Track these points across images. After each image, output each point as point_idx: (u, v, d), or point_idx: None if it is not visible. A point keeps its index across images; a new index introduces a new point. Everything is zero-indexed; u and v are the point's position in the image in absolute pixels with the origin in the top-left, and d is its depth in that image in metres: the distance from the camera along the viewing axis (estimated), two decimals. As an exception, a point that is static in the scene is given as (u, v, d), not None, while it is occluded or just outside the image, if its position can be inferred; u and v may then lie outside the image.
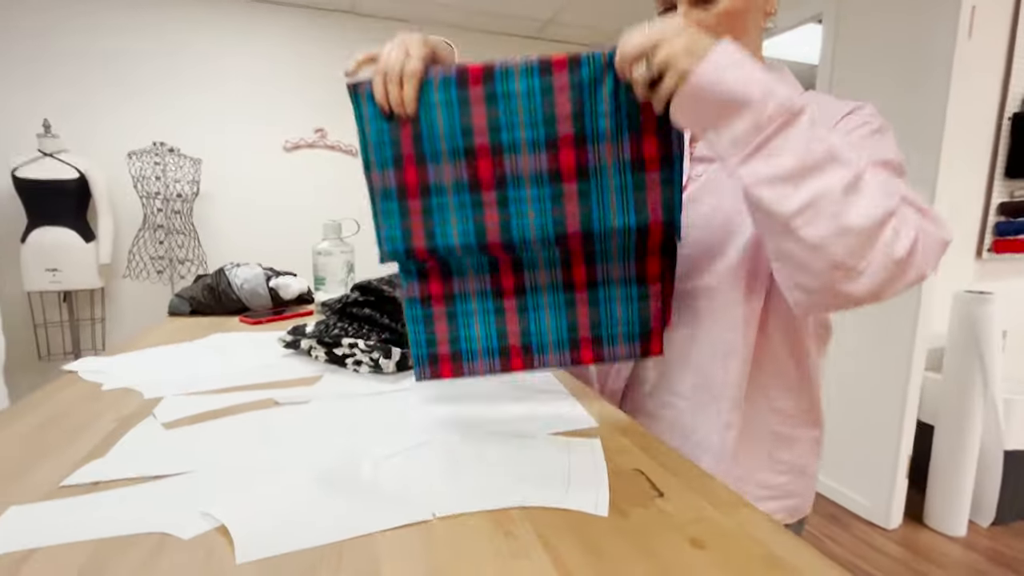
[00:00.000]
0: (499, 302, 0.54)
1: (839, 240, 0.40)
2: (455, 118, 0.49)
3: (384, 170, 0.51)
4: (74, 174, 2.46)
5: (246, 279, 1.22)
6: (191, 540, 0.36)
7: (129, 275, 2.68)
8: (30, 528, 0.37)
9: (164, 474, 0.46)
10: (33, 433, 0.55)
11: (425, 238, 0.51)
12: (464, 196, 0.50)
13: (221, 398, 0.66)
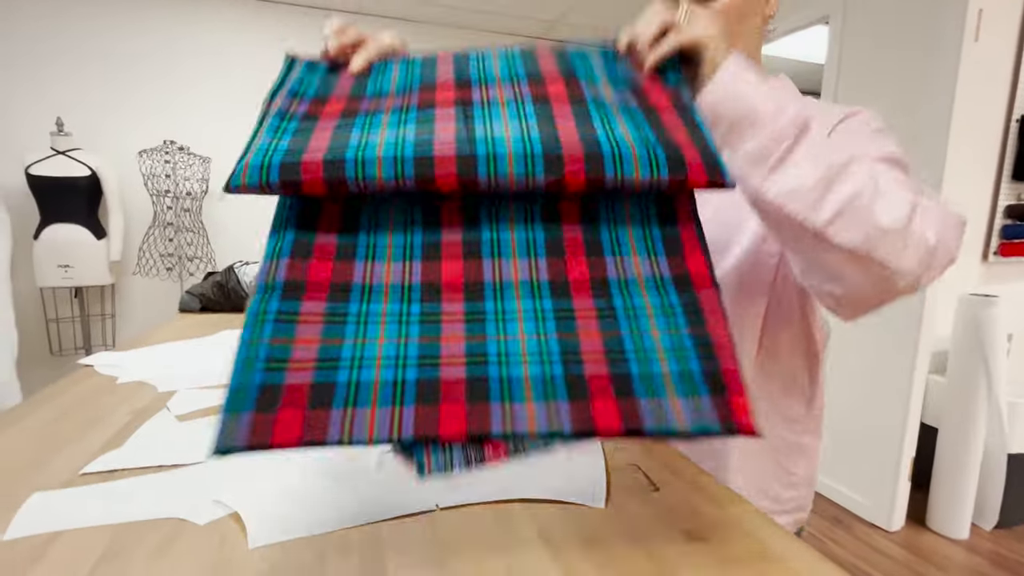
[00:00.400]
0: (432, 302, 0.30)
1: (877, 242, 0.40)
2: (415, 69, 0.42)
3: (294, 99, 0.41)
4: (86, 172, 2.50)
5: (255, 276, 1.24)
6: (206, 526, 0.38)
7: (139, 272, 2.71)
8: (53, 513, 0.39)
9: (178, 463, 0.47)
10: (52, 424, 0.57)
11: (328, 151, 0.33)
12: (410, 113, 0.36)
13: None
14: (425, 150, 0.31)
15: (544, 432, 0.25)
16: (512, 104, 0.37)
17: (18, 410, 0.61)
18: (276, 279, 0.31)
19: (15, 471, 0.46)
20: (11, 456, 0.49)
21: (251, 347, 0.27)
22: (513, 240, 0.33)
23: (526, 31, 3.39)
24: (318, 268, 0.32)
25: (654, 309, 0.31)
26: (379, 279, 0.31)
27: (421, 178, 0.31)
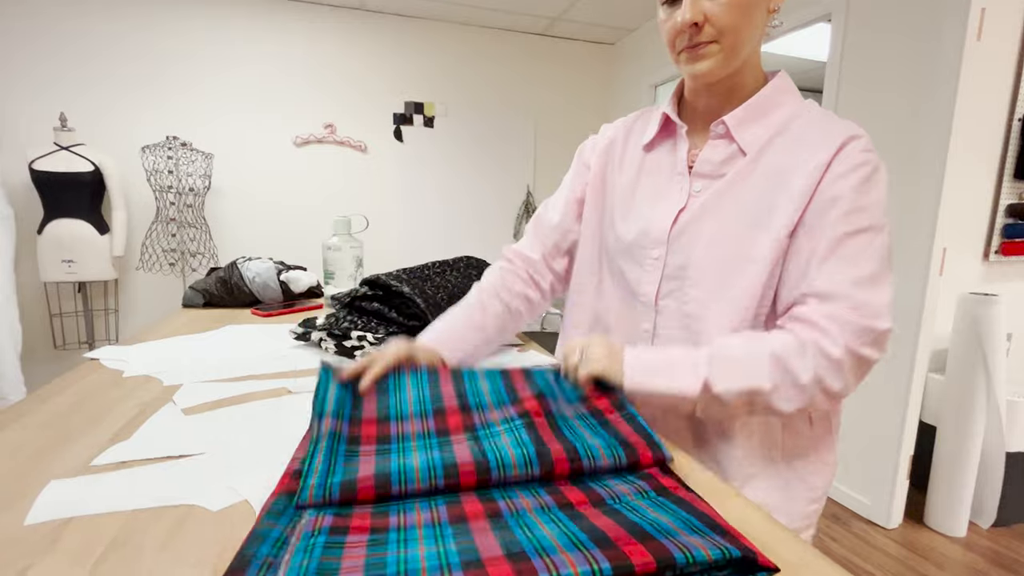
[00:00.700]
0: (461, 524, 0.36)
1: (801, 406, 0.56)
2: (424, 389, 0.56)
3: (338, 420, 0.49)
4: (89, 167, 2.51)
5: (258, 272, 1.25)
6: (217, 512, 0.39)
7: (142, 267, 2.73)
8: (68, 499, 0.40)
9: (186, 454, 0.49)
10: (61, 417, 0.59)
11: (376, 470, 0.42)
12: (432, 440, 0.48)
13: (237, 386, 0.68)
14: (450, 461, 0.43)
15: (587, 572, 0.30)
16: (506, 423, 0.50)
17: (26, 403, 0.62)
18: (322, 527, 0.36)
19: (26, 463, 0.48)
20: (21, 449, 0.51)
21: (301, 568, 0.31)
22: (522, 498, 0.41)
23: (527, 28, 3.39)
24: (360, 521, 0.37)
25: (645, 502, 0.40)
26: (410, 522, 0.37)
27: (449, 480, 0.42)
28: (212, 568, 0.34)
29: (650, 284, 0.67)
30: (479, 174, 3.47)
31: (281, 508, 0.38)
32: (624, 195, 0.72)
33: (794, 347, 0.55)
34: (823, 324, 0.55)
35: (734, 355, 0.56)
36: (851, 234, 0.56)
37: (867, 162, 0.57)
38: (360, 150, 3.20)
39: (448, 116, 3.35)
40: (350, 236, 1.17)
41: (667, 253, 0.65)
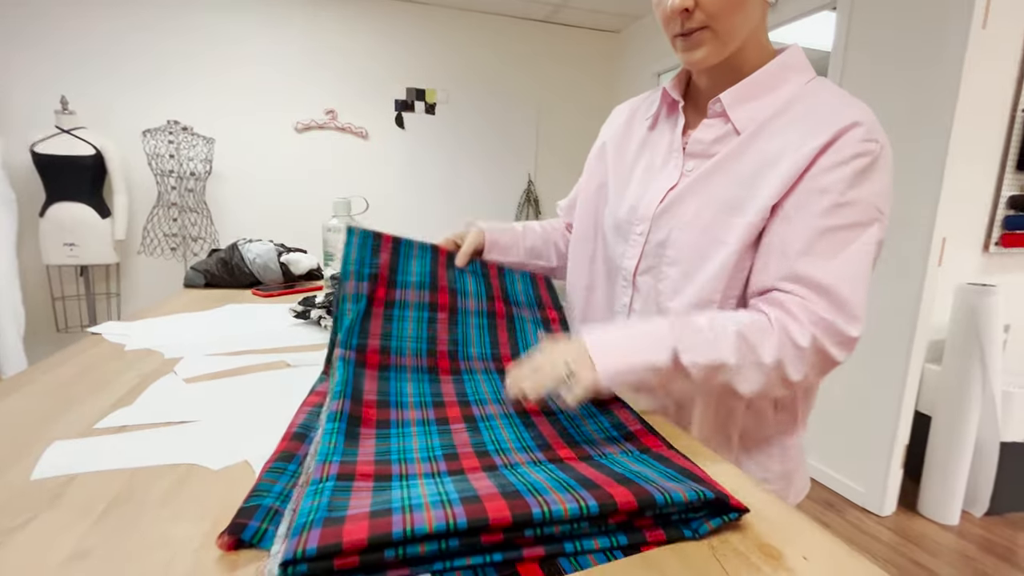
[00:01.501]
0: (459, 473, 0.39)
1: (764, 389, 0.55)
2: (427, 265, 0.67)
3: (359, 282, 0.62)
4: (90, 151, 2.51)
5: (258, 254, 1.25)
6: (218, 471, 0.40)
7: (143, 251, 2.74)
8: (71, 458, 0.41)
9: (187, 420, 0.50)
10: (63, 385, 0.60)
11: (381, 337, 0.58)
12: (423, 312, 0.62)
13: (237, 359, 0.70)
14: (432, 345, 0.57)
15: (575, 510, 0.32)
16: (476, 317, 0.64)
17: (28, 373, 0.63)
18: (329, 473, 0.37)
19: (30, 426, 0.49)
20: (25, 413, 0.52)
21: (312, 507, 0.32)
22: (512, 447, 0.45)
23: (531, 14, 3.36)
24: (365, 467, 0.39)
25: (629, 459, 0.43)
26: (412, 472, 0.40)
27: (430, 358, 0.58)
28: (213, 521, 0.35)
29: (631, 259, 0.69)
30: (481, 162, 3.46)
31: (282, 466, 0.39)
32: (623, 171, 0.73)
33: (760, 326, 0.53)
34: (794, 310, 0.53)
35: (698, 326, 0.53)
36: (834, 229, 0.54)
37: (865, 152, 0.53)
38: (361, 136, 3.20)
39: (450, 103, 3.34)
40: (350, 218, 1.18)
41: (650, 230, 0.66)
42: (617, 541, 0.34)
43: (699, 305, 0.61)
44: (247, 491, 0.37)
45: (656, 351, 0.51)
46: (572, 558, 0.32)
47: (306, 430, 0.45)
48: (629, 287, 0.69)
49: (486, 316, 0.66)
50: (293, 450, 0.42)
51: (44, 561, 0.30)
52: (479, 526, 0.30)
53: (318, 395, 0.53)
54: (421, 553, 0.29)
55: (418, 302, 0.64)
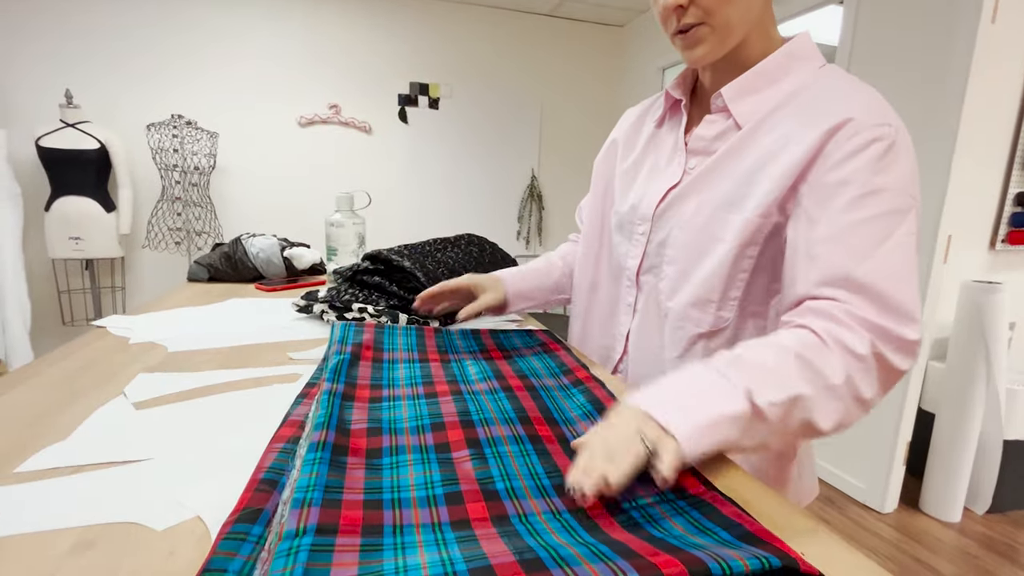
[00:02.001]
0: (465, 528, 0.34)
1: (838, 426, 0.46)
2: (416, 367, 0.61)
3: (343, 346, 0.62)
4: (95, 144, 2.52)
5: (261, 248, 1.26)
6: (162, 532, 0.40)
7: (148, 245, 2.75)
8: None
9: (131, 460, 0.44)
10: (67, 378, 0.60)
11: (371, 379, 0.56)
12: (420, 400, 0.52)
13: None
14: (436, 418, 0.48)
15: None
16: (491, 395, 0.55)
17: (35, 366, 0.64)
18: (308, 523, 0.31)
19: (30, 421, 0.49)
20: (27, 407, 0.52)
21: (284, 573, 0.27)
22: (524, 485, 0.39)
23: (535, 8, 3.34)
24: (352, 515, 0.33)
25: (664, 509, 0.36)
26: (409, 520, 0.34)
27: (435, 428, 0.47)
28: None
29: (634, 259, 0.68)
30: (484, 157, 3.46)
31: (244, 529, 0.32)
32: (630, 171, 0.73)
33: (814, 343, 0.45)
34: (841, 317, 0.46)
35: (755, 359, 0.45)
36: (867, 221, 0.48)
37: (880, 137, 0.49)
38: (365, 131, 3.19)
39: (453, 98, 3.33)
40: (353, 213, 1.18)
41: (651, 229, 0.66)
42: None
43: (697, 305, 0.60)
44: (197, 563, 0.30)
45: (728, 399, 0.42)
46: None
47: (276, 475, 0.37)
48: (633, 287, 0.69)
49: (501, 391, 0.56)
50: (259, 504, 0.34)
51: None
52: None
53: (291, 426, 0.45)
54: None
55: (408, 369, 0.61)
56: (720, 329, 0.60)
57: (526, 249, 3.60)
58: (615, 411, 0.43)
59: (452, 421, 0.48)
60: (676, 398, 0.42)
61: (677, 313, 0.62)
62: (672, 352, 0.63)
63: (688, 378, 0.45)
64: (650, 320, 0.67)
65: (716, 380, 0.43)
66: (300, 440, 0.42)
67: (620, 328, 0.72)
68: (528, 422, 0.49)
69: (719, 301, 0.59)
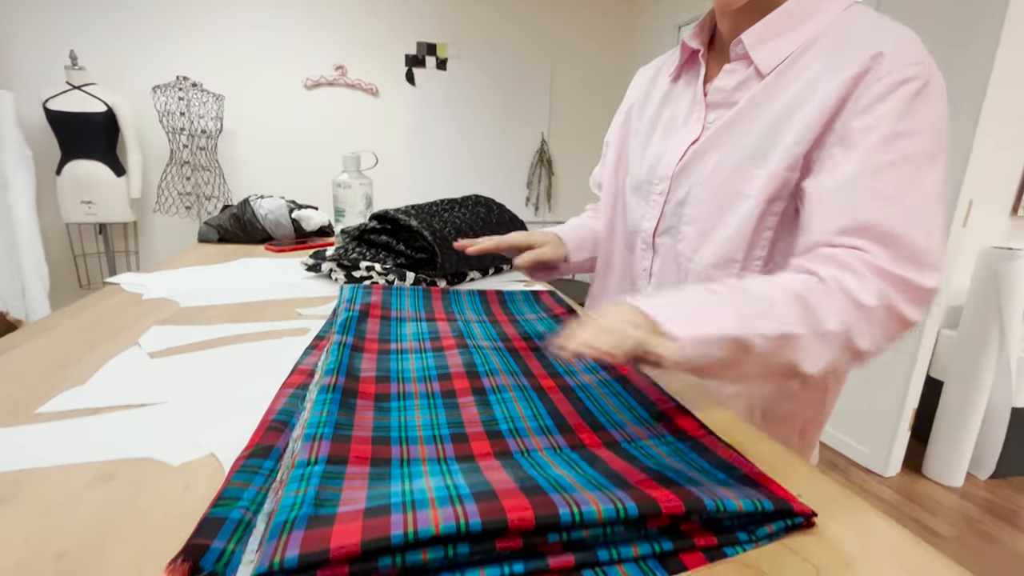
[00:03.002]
0: (469, 461, 0.35)
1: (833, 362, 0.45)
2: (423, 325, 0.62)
3: (352, 304, 0.62)
4: (102, 107, 2.51)
5: (270, 210, 1.26)
6: (177, 468, 0.42)
7: (159, 210, 2.76)
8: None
9: (148, 403, 0.45)
10: (83, 330, 0.62)
11: (380, 333, 0.56)
12: (427, 353, 0.53)
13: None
14: (444, 369, 0.49)
15: (610, 512, 0.26)
16: (497, 353, 0.54)
17: (53, 318, 0.65)
18: (319, 455, 0.32)
19: (48, 368, 0.51)
20: (45, 356, 0.54)
21: (296, 499, 0.27)
22: (527, 426, 0.40)
23: (547, -38, 3.20)
24: (361, 448, 0.35)
25: (663, 450, 0.37)
26: (416, 455, 0.35)
27: (441, 378, 0.48)
28: (166, 540, 0.28)
29: (650, 221, 0.67)
30: (493, 120, 3.39)
31: (257, 464, 0.33)
32: (646, 131, 0.70)
33: (815, 286, 0.44)
34: (852, 264, 0.45)
35: (757, 291, 0.43)
36: (895, 164, 0.46)
37: (914, 76, 0.46)
38: (371, 93, 3.14)
39: (461, 58, 3.24)
40: (360, 173, 1.17)
41: (670, 189, 0.64)
42: (660, 547, 0.27)
43: (719, 265, 0.58)
44: (211, 496, 0.31)
45: (723, 318, 0.41)
46: (601, 570, 0.26)
47: (287, 417, 0.39)
48: (649, 250, 0.67)
49: (506, 351, 0.56)
50: (270, 442, 0.35)
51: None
52: (496, 528, 0.25)
53: (302, 373, 0.46)
54: (424, 561, 0.24)
55: (416, 326, 0.61)
56: None
57: (535, 215, 3.57)
58: (610, 305, 0.42)
59: (458, 372, 0.49)
60: (675, 306, 0.41)
61: (698, 275, 0.60)
62: None
63: (688, 294, 0.44)
64: (668, 284, 0.65)
65: (714, 300, 0.43)
66: (310, 387, 0.43)
67: (637, 296, 0.71)
68: (531, 375, 0.50)
69: (743, 261, 0.57)
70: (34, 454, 0.36)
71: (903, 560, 0.29)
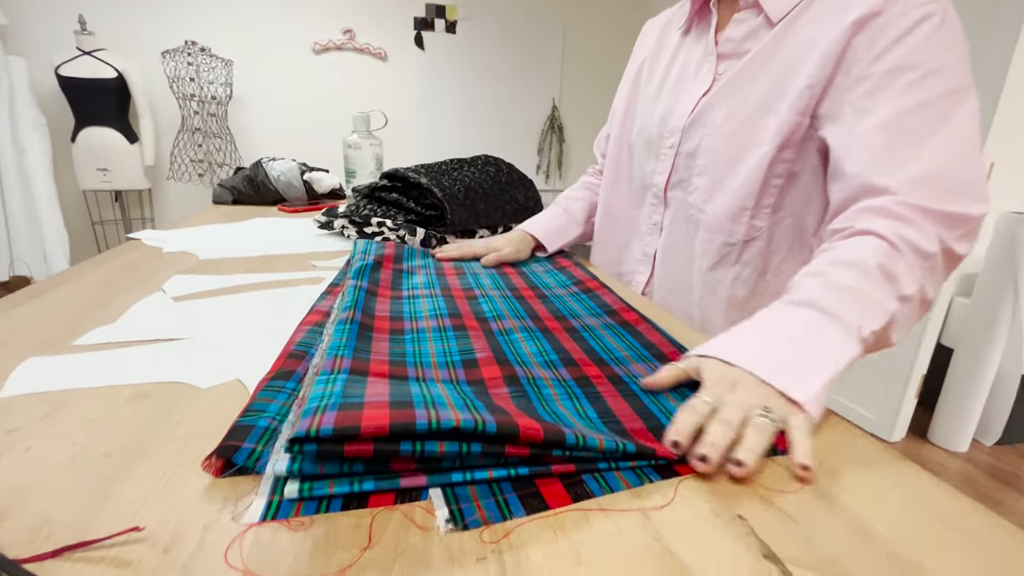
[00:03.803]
0: (480, 385, 0.37)
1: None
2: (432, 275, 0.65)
3: (365, 255, 0.64)
4: (112, 73, 2.51)
5: (282, 172, 1.27)
6: (206, 390, 0.44)
7: (172, 177, 2.79)
8: (45, 376, 0.40)
9: (174, 338, 0.47)
10: (108, 279, 0.64)
11: (392, 283, 0.58)
12: (439, 299, 0.55)
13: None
14: (453, 309, 0.52)
15: (611, 445, 0.29)
16: (505, 301, 0.57)
17: (72, 271, 0.68)
18: (341, 367, 0.35)
19: (78, 311, 0.53)
20: (73, 301, 0.57)
21: (324, 393, 0.29)
22: (534, 361, 0.42)
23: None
24: (379, 365, 0.37)
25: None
26: (430, 376, 0.38)
27: (452, 317, 0.50)
28: (199, 445, 0.30)
29: (661, 175, 0.67)
30: (503, 85, 3.33)
31: (279, 384, 0.35)
32: (656, 85, 0.70)
33: (888, 251, 0.42)
34: (907, 214, 0.43)
35: (852, 284, 0.40)
36: (927, 103, 0.45)
37: (930, 14, 0.46)
38: (380, 58, 3.09)
39: (472, 21, 3.17)
40: (370, 134, 1.17)
41: (680, 141, 0.64)
42: (656, 460, 0.30)
43: (730, 216, 0.59)
44: (238, 411, 0.32)
45: (844, 344, 0.37)
46: (601, 477, 0.28)
47: (306, 348, 0.40)
48: (660, 204, 0.68)
49: (513, 299, 0.58)
50: (291, 367, 0.37)
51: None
52: (508, 434, 0.27)
53: (319, 313, 0.48)
54: (440, 453, 0.26)
55: (426, 277, 0.63)
56: (753, 239, 0.59)
57: (546, 183, 3.54)
58: (714, 372, 0.35)
59: (468, 314, 0.51)
60: (789, 354, 0.36)
61: (709, 225, 0.61)
62: (703, 263, 0.63)
63: (790, 324, 0.38)
64: (679, 237, 0.66)
65: (825, 324, 0.38)
66: (327, 324, 0.46)
67: (647, 249, 0.72)
68: (538, 318, 0.52)
69: (753, 209, 0.58)
70: (75, 376, 0.39)
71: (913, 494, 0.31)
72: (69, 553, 0.22)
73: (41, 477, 0.28)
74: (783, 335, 0.38)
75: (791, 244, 0.59)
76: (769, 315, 0.41)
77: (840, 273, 0.41)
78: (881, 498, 0.28)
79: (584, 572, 0.22)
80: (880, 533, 0.25)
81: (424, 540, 0.24)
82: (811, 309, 0.39)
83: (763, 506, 0.27)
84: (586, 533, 0.25)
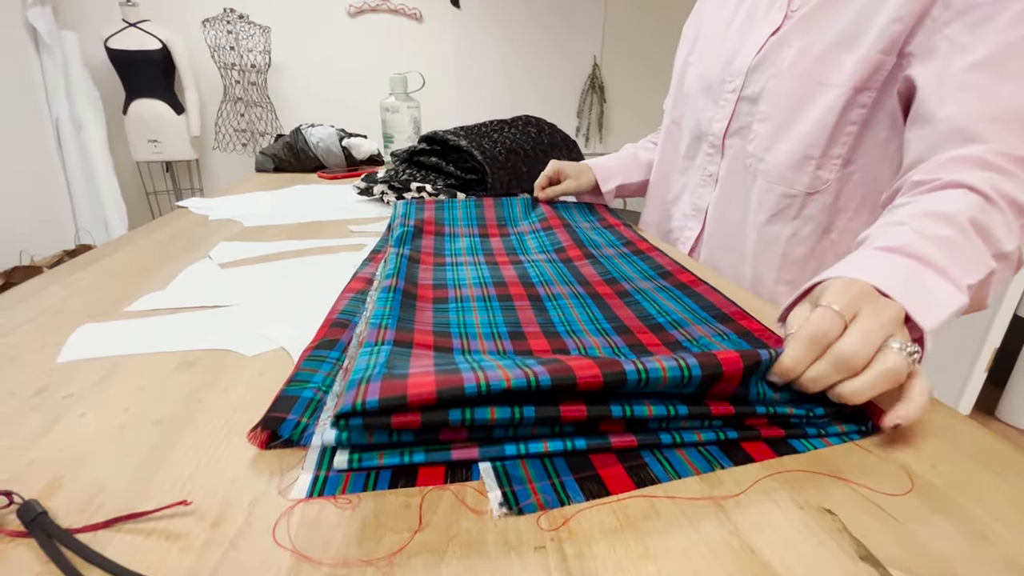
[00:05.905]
0: (526, 353, 0.36)
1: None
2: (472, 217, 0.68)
3: (406, 219, 0.63)
4: (157, 44, 2.55)
5: (321, 138, 1.27)
6: (252, 358, 0.43)
7: (218, 147, 2.85)
8: (97, 342, 0.43)
9: (221, 305, 0.49)
10: (158, 245, 0.66)
11: (435, 249, 0.57)
12: (482, 266, 0.53)
13: (275, 245, 0.73)
14: (498, 277, 0.50)
15: (675, 371, 0.26)
16: (549, 262, 0.56)
17: (126, 237, 0.69)
18: (385, 339, 0.33)
19: (132, 276, 0.54)
20: (128, 266, 0.58)
21: (368, 364, 0.27)
22: (584, 328, 0.40)
23: None
24: (424, 335, 0.36)
25: (727, 346, 0.36)
26: (476, 348, 0.36)
27: (498, 286, 0.48)
28: (245, 415, 0.30)
29: (720, 122, 0.62)
30: (541, 43, 3.19)
31: (323, 354, 0.34)
32: (719, 26, 0.64)
33: (982, 204, 0.37)
34: (1007, 166, 0.39)
35: (941, 232, 0.35)
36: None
37: None
38: (415, 19, 3.01)
39: (508, -25, 3.03)
40: (407, 96, 1.14)
41: (744, 84, 0.59)
42: (725, 435, 0.27)
43: (792, 163, 0.54)
44: (283, 380, 0.32)
45: (955, 291, 0.33)
46: (665, 459, 0.26)
47: (349, 316, 0.39)
48: (717, 154, 0.63)
49: (560, 262, 0.55)
50: (335, 336, 0.36)
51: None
52: (564, 385, 0.24)
53: (361, 280, 0.47)
54: (491, 420, 0.24)
55: (469, 241, 0.62)
56: (817, 192, 0.54)
57: (585, 146, 3.42)
58: (837, 287, 0.30)
59: (513, 281, 0.49)
60: (919, 286, 0.32)
61: (768, 174, 0.57)
62: (760, 216, 0.59)
63: (886, 265, 0.33)
64: (734, 188, 0.62)
65: (923, 271, 0.33)
66: (370, 291, 0.45)
67: (699, 203, 0.67)
68: (587, 283, 0.49)
69: (819, 159, 0.53)
70: (127, 343, 0.39)
71: (988, 461, 0.27)
72: (120, 524, 0.22)
73: (95, 444, 0.28)
74: (883, 273, 0.32)
75: (861, 202, 0.54)
76: (858, 257, 0.35)
77: (930, 224, 0.36)
78: (995, 493, 0.25)
79: (654, 568, 0.20)
80: (997, 534, 0.22)
81: (477, 524, 0.22)
82: (903, 256, 0.34)
83: (854, 499, 0.24)
84: (653, 523, 0.22)
